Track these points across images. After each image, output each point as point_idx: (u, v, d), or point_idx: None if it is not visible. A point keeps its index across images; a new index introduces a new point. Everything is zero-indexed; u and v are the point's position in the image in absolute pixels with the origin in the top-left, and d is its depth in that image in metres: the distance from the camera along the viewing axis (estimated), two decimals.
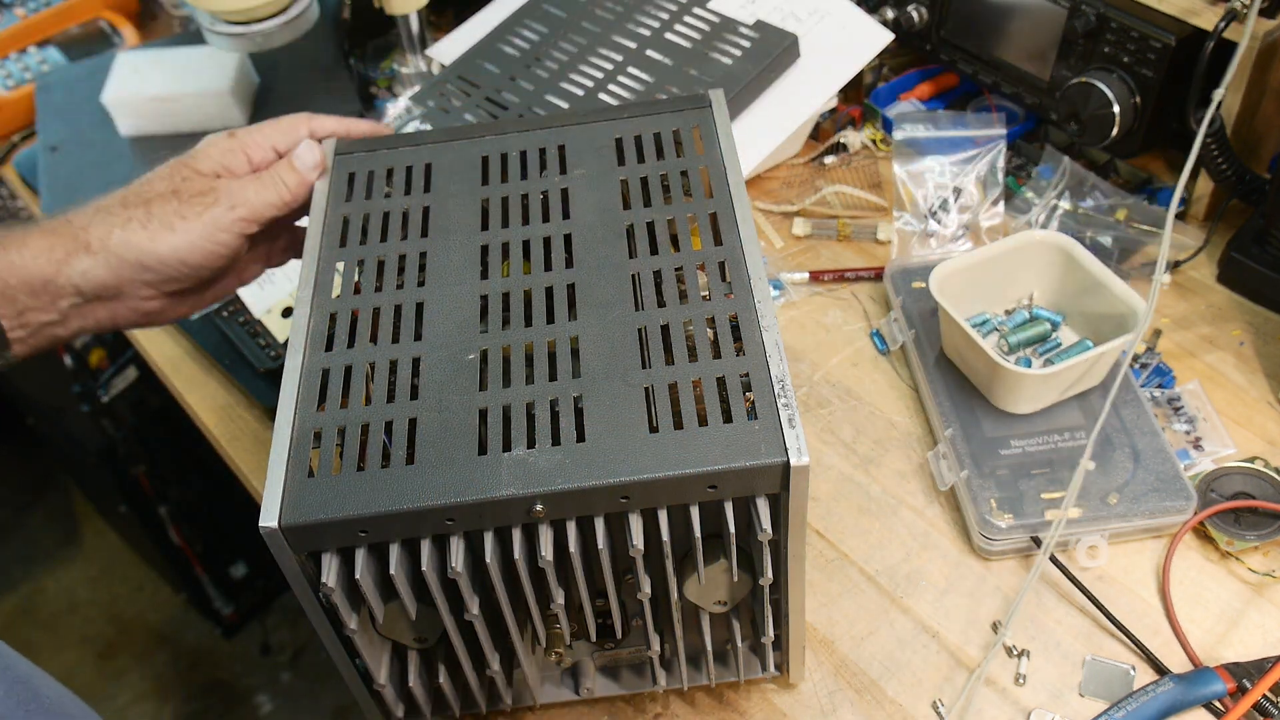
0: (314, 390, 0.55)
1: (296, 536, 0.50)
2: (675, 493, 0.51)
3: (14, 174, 1.09)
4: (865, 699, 0.64)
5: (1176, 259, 0.85)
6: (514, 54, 0.98)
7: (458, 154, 0.67)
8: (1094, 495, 0.68)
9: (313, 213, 0.64)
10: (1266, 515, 0.68)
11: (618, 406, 0.52)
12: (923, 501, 0.73)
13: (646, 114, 0.67)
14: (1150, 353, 0.79)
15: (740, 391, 0.53)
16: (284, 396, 0.55)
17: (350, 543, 0.51)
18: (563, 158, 0.65)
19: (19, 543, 1.94)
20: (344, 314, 0.58)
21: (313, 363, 0.56)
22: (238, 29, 0.91)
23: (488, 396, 0.53)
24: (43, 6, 1.19)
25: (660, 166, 0.64)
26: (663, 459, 0.50)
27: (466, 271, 0.60)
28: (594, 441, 0.51)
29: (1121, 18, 0.82)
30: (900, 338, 0.81)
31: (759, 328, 0.55)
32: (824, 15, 0.95)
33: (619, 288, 0.58)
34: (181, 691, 1.74)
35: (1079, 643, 0.65)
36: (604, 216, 0.62)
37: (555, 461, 0.51)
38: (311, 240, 0.63)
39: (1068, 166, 0.89)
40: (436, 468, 0.51)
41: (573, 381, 0.54)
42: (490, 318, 0.57)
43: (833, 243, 0.92)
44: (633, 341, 0.55)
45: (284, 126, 0.68)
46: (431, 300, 0.58)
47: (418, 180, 0.65)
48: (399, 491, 0.50)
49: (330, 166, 0.67)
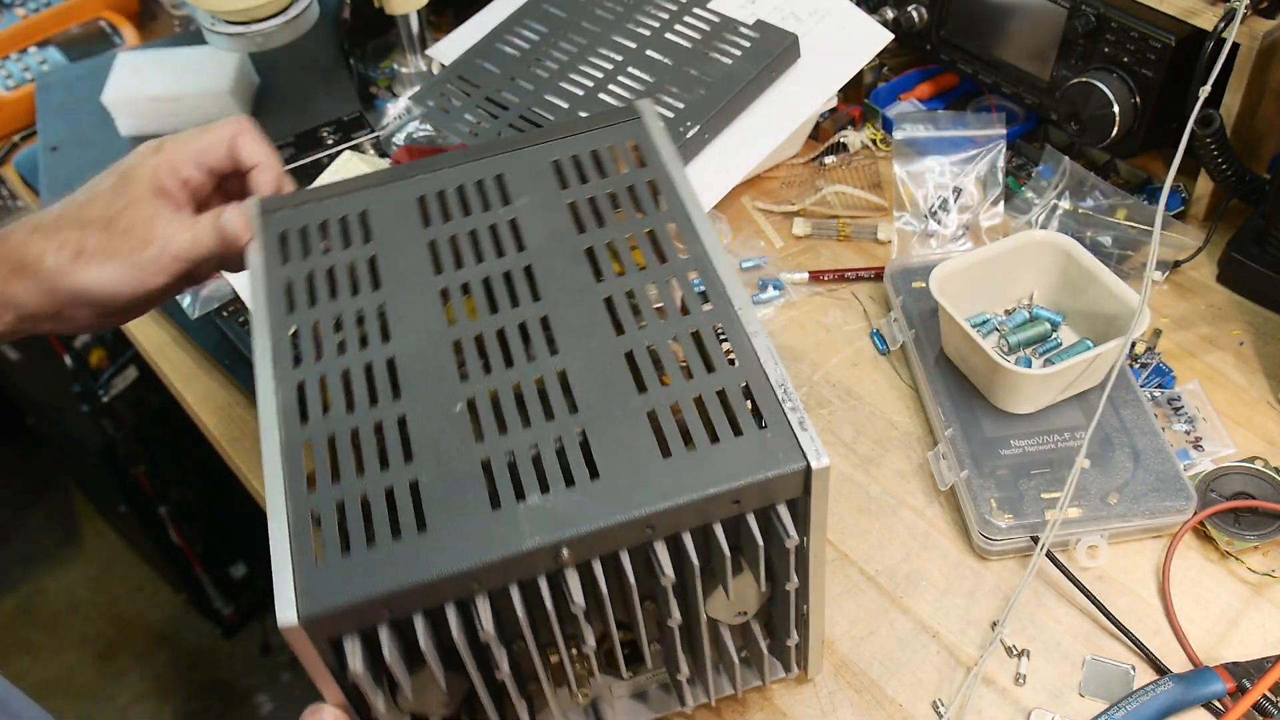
0: (299, 468, 0.51)
1: (319, 628, 0.47)
2: (699, 514, 0.50)
3: (14, 174, 1.09)
4: (865, 699, 0.64)
5: (1176, 259, 0.85)
6: (514, 54, 0.98)
7: (392, 197, 0.63)
8: (1094, 495, 0.68)
9: (252, 282, 0.60)
10: (1266, 515, 0.68)
11: (624, 436, 0.51)
12: (923, 501, 0.73)
13: (579, 133, 0.65)
14: (1150, 353, 0.79)
15: (744, 402, 0.52)
16: (270, 481, 0.51)
17: (372, 622, 0.48)
18: (503, 188, 0.63)
19: (19, 543, 1.94)
20: (311, 382, 0.55)
21: (291, 439, 0.52)
22: (238, 29, 0.91)
23: (487, 446, 0.51)
24: (43, 6, 1.20)
25: (605, 185, 0.62)
26: (683, 483, 0.49)
27: (430, 319, 0.57)
28: (608, 476, 0.49)
29: (1121, 18, 0.82)
30: (900, 338, 0.81)
31: (746, 335, 0.54)
32: (824, 15, 0.95)
33: (593, 313, 0.56)
34: (181, 691, 1.74)
35: (1079, 643, 0.65)
36: (560, 243, 0.60)
37: (574, 503, 0.49)
38: (257, 311, 0.59)
39: (1068, 166, 0.89)
40: (452, 530, 0.48)
41: (571, 417, 0.52)
42: (468, 364, 0.55)
43: (833, 243, 0.92)
44: (621, 367, 0.54)
45: (212, 141, 0.65)
46: (401, 354, 0.55)
47: (355, 231, 0.62)
48: (419, 562, 0.47)
49: (257, 228, 0.62)
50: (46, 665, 1.77)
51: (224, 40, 0.92)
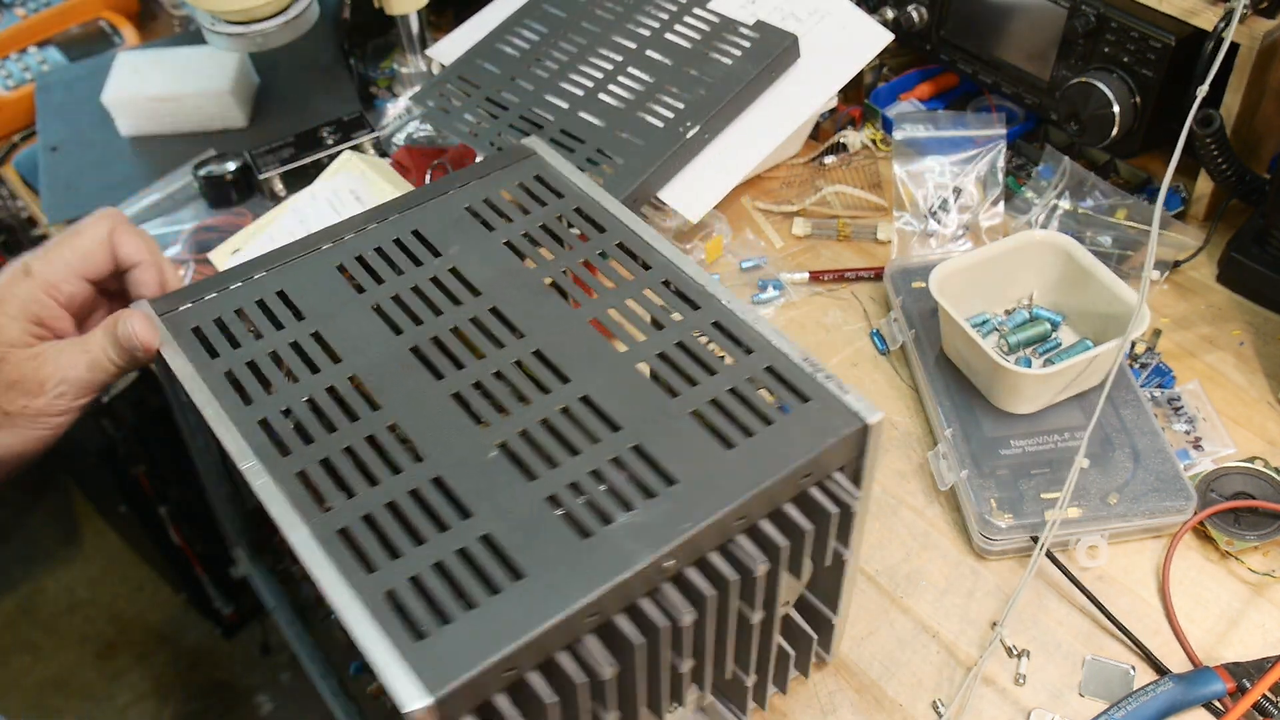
0: (346, 555, 0.47)
1: (450, 706, 0.43)
2: (772, 498, 0.50)
3: (14, 174, 1.09)
4: (865, 699, 0.64)
5: (1176, 259, 0.85)
6: (514, 54, 0.98)
7: (304, 273, 0.59)
8: (1094, 495, 0.68)
9: (191, 391, 0.54)
10: (1266, 515, 0.68)
11: (679, 439, 0.50)
12: (923, 501, 0.73)
13: (479, 178, 0.64)
14: (1150, 353, 0.79)
15: (776, 382, 0.53)
16: (321, 574, 0.46)
17: (490, 691, 0.44)
18: (425, 241, 0.61)
19: (19, 543, 1.94)
20: (314, 469, 0.50)
21: (323, 527, 0.48)
22: (238, 29, 0.91)
23: (543, 483, 0.49)
24: (43, 6, 1.20)
25: (533, 220, 0.61)
26: (759, 467, 0.49)
27: (417, 379, 0.54)
28: (686, 479, 0.49)
29: (1121, 18, 0.82)
30: (900, 338, 0.81)
31: (747, 324, 0.55)
32: (824, 15, 0.95)
33: (587, 338, 0.55)
34: (181, 691, 1.74)
35: (1079, 643, 0.65)
36: (515, 280, 0.58)
37: (664, 511, 0.47)
38: (213, 416, 0.53)
39: (1068, 166, 0.89)
40: (552, 569, 0.46)
41: (617, 435, 0.50)
42: (481, 412, 0.52)
43: (833, 243, 0.92)
44: (642, 379, 0.53)
45: (87, 247, 0.57)
46: (404, 419, 0.52)
47: (279, 311, 0.57)
48: (535, 608, 0.44)
49: (163, 331, 0.56)
50: (46, 665, 1.77)
51: (224, 40, 0.92)
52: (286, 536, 0.48)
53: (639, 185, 0.84)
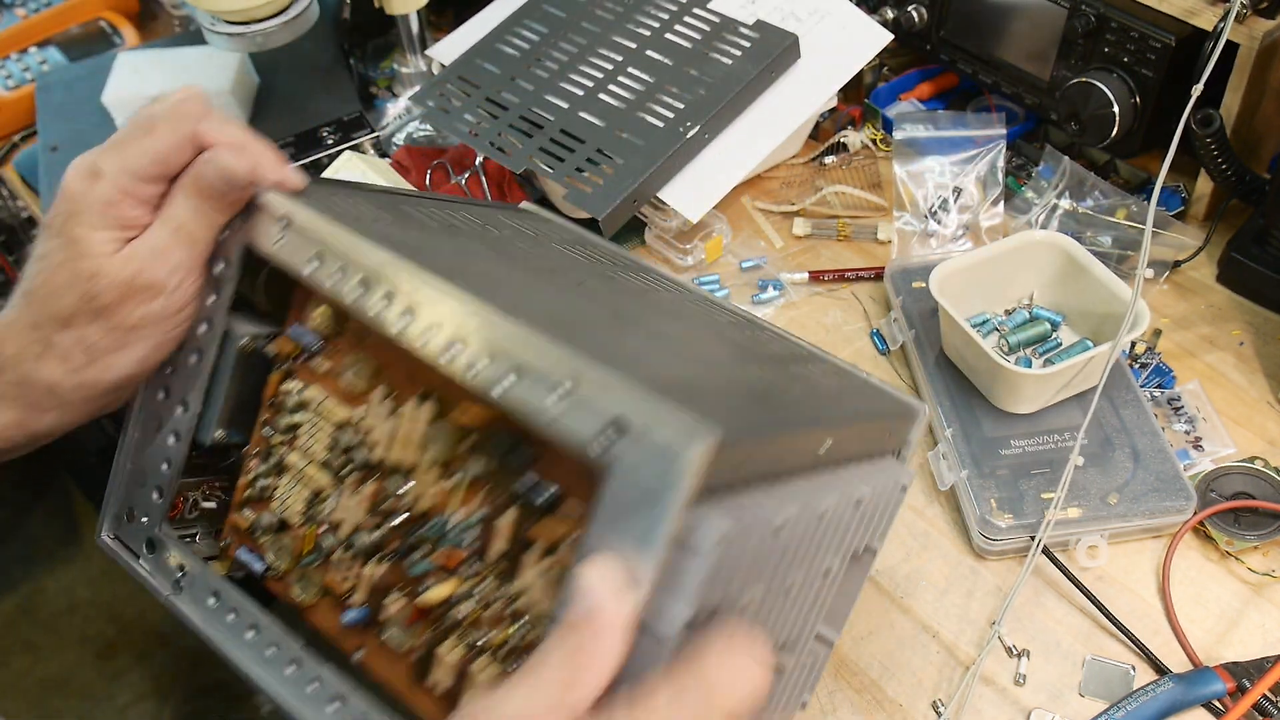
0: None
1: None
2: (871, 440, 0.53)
3: (14, 174, 1.09)
4: (865, 699, 0.64)
5: (1176, 259, 0.85)
6: (514, 54, 0.98)
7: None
8: (1094, 495, 0.68)
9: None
10: (1266, 515, 0.68)
11: (798, 391, 0.52)
12: (923, 501, 0.73)
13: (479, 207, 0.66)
14: (1150, 353, 0.79)
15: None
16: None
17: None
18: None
19: (19, 543, 1.94)
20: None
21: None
22: (238, 29, 0.91)
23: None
24: (43, 6, 1.19)
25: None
26: (877, 405, 0.54)
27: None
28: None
29: (1121, 18, 0.82)
30: (900, 338, 0.81)
31: (761, 326, 0.56)
32: (824, 15, 0.95)
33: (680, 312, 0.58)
34: (181, 691, 1.74)
35: (1079, 643, 0.65)
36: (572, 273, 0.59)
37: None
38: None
39: (1068, 166, 0.89)
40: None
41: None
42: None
43: (833, 243, 0.92)
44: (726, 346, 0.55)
45: (159, 151, 0.49)
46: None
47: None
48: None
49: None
50: (46, 665, 1.77)
51: (224, 40, 0.92)
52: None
53: (639, 185, 0.84)
